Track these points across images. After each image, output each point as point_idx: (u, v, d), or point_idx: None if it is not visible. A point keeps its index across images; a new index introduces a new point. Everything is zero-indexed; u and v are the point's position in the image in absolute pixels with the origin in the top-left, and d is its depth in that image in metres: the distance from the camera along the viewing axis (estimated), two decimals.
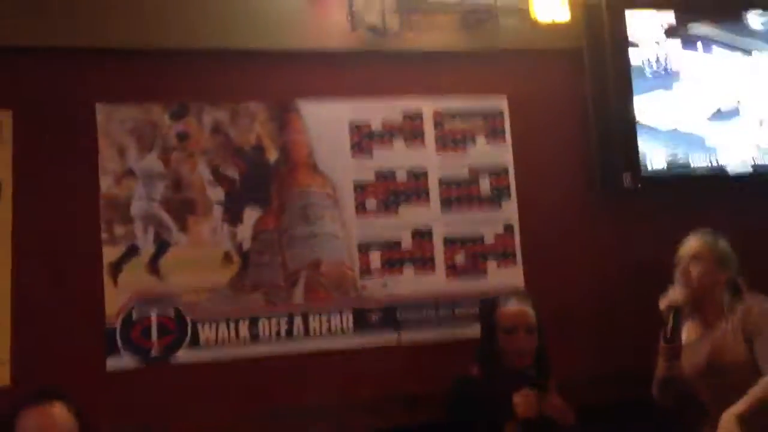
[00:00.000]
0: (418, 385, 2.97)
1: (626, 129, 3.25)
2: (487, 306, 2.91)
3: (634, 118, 3.25)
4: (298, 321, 2.99)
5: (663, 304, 2.73)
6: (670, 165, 3.27)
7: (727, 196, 3.33)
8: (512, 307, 2.81)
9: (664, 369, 2.76)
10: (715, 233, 2.84)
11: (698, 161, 3.31)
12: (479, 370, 2.79)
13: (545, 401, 2.67)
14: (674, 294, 2.73)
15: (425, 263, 3.14)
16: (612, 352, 3.15)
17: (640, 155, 3.22)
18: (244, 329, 2.94)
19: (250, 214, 3.01)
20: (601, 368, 3.11)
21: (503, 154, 3.26)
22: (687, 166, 3.29)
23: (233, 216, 3.00)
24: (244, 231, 2.99)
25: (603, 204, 3.30)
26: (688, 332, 2.84)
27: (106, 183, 2.91)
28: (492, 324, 2.80)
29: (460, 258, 3.17)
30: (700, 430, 2.72)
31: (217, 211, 2.99)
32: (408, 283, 3.11)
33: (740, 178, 3.35)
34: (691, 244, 2.84)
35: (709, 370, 2.71)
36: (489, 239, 3.20)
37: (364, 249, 3.09)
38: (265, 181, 3.05)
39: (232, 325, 2.94)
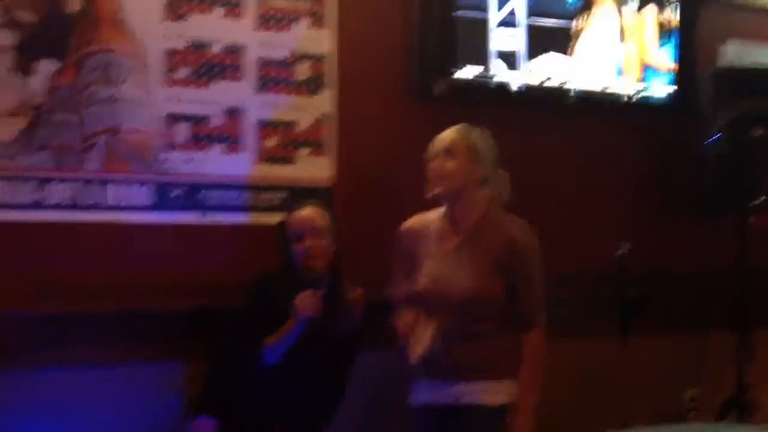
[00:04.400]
0: (218, 269, 2.87)
1: (444, 34, 3.23)
2: (284, 216, 2.83)
3: (452, 21, 3.23)
4: (91, 189, 2.76)
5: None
6: (480, 75, 3.32)
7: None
8: (300, 213, 2.74)
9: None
10: (471, 126, 2.66)
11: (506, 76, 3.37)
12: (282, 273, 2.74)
13: (335, 304, 2.66)
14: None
15: (234, 143, 3.00)
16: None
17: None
18: (28, 191, 2.66)
19: (46, 66, 2.70)
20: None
21: (325, 41, 3.14)
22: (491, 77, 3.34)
23: (26, 65, 2.67)
24: (37, 83, 2.68)
25: (418, 107, 3.28)
26: (440, 239, 2.65)
27: None
28: (285, 232, 2.75)
29: (270, 142, 3.05)
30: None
31: (7, 58, 2.65)
32: (214, 162, 2.95)
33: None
34: (444, 136, 2.64)
35: (466, 301, 2.56)
36: (302, 126, 3.11)
37: (170, 120, 2.89)
38: (65, 32, 2.73)
39: (15, 185, 2.65)
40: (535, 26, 3.43)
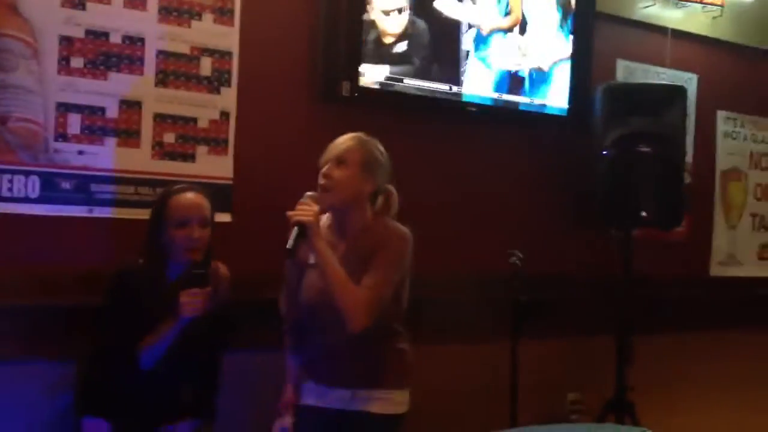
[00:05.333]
0: (107, 263, 2.79)
1: (351, 36, 3.24)
2: (158, 196, 2.68)
3: (360, 25, 3.24)
4: None
5: (293, 216, 2.41)
6: (387, 79, 3.35)
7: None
8: (186, 197, 2.57)
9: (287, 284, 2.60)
10: (367, 136, 2.59)
11: (412, 81, 3.42)
12: (145, 262, 2.58)
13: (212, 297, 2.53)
14: (306, 209, 2.42)
15: (130, 137, 2.92)
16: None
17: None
18: None
19: None
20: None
21: (229, 38, 3.10)
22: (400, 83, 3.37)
23: None
24: None
25: (323, 108, 3.28)
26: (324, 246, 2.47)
27: None
28: (161, 215, 2.56)
29: (169, 137, 2.99)
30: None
31: None
32: (108, 156, 2.87)
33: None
34: (339, 142, 2.55)
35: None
36: (203, 123, 3.06)
37: (62, 110, 2.79)
38: None
39: None
40: None
